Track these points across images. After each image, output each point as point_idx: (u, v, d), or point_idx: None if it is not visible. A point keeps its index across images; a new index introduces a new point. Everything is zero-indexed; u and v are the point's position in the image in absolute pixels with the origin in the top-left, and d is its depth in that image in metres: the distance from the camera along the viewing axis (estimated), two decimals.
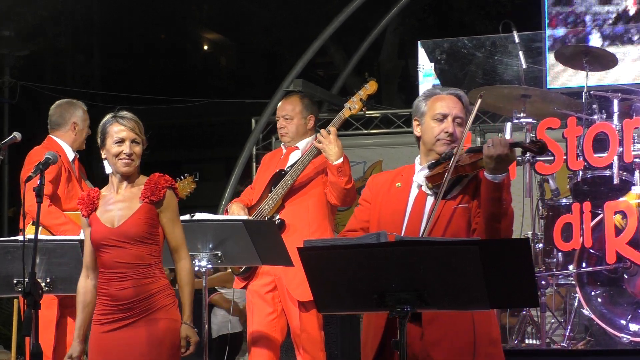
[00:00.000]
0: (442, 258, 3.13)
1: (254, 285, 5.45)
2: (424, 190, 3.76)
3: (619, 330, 5.63)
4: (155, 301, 4.08)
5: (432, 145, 3.79)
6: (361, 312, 3.83)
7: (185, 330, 4.11)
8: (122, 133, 4.12)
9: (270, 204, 5.42)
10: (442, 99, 3.83)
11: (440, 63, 8.42)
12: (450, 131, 3.76)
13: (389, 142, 10.74)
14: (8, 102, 13.60)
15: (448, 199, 3.70)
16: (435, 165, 3.75)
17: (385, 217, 3.76)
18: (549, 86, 8.09)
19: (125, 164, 4.12)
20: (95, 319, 4.13)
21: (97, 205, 4.16)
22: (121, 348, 4.05)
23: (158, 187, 4.13)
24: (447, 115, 3.78)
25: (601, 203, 5.66)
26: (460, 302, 3.23)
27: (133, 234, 4.08)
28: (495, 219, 3.57)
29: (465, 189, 3.73)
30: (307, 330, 5.38)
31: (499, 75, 8.79)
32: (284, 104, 5.68)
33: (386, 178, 3.91)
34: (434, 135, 3.78)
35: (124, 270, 4.06)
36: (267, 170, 5.64)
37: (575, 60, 6.46)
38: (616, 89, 6.23)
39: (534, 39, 8.38)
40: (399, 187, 3.81)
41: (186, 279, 4.17)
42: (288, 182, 5.39)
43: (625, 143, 5.70)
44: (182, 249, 4.20)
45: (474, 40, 8.78)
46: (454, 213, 3.68)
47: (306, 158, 5.40)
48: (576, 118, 5.86)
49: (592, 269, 5.73)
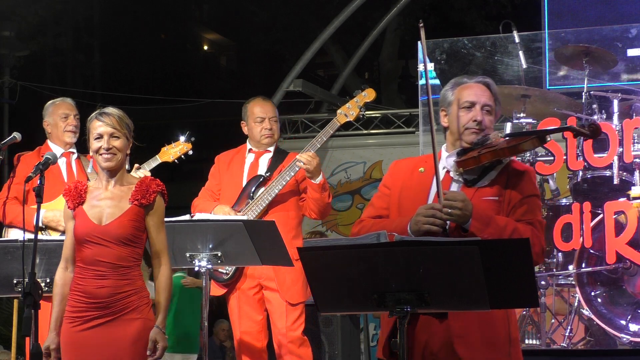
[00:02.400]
0: (442, 258, 3.12)
1: (241, 289, 5.43)
2: (450, 176, 3.62)
3: (619, 330, 5.63)
4: (131, 302, 4.09)
5: (460, 134, 3.65)
6: (361, 312, 3.82)
7: (156, 334, 4.10)
8: (100, 128, 4.11)
9: (255, 210, 5.40)
10: (469, 87, 3.71)
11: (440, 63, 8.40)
12: (479, 119, 3.62)
13: (389, 142, 10.75)
14: (8, 102, 13.59)
15: (478, 187, 3.58)
16: (465, 152, 3.61)
17: (406, 203, 3.62)
18: (549, 86, 8.07)
19: (105, 159, 4.11)
20: (68, 317, 4.10)
21: (84, 198, 4.14)
22: (96, 347, 4.04)
23: (149, 190, 4.13)
24: (475, 103, 3.65)
25: (601, 203, 5.66)
26: (461, 302, 3.23)
27: (118, 234, 4.07)
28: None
29: (496, 179, 3.59)
30: (295, 331, 5.39)
31: (499, 75, 8.77)
32: (268, 106, 5.63)
33: (409, 163, 3.77)
34: (462, 124, 3.65)
35: (104, 269, 4.06)
36: (230, 171, 5.57)
37: (575, 60, 6.46)
38: (616, 89, 6.23)
39: (534, 39, 8.36)
40: (422, 172, 3.66)
41: (164, 284, 4.17)
42: (275, 190, 5.39)
43: (625, 143, 5.70)
44: (163, 254, 4.20)
45: (474, 40, 8.76)
46: (485, 205, 3.53)
47: (292, 169, 5.40)
48: (576, 118, 5.86)
49: (592, 269, 5.73)
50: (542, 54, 8.20)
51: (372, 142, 11.08)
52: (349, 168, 11.05)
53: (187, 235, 4.80)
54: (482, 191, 3.57)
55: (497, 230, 3.45)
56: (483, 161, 3.55)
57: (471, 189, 3.57)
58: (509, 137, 3.66)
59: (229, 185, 5.55)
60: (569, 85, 7.39)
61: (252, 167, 5.57)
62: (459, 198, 3.42)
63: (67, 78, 17.93)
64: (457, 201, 3.41)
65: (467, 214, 3.42)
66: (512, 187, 3.59)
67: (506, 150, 3.54)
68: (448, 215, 3.42)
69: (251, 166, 5.57)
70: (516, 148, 3.57)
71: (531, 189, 3.64)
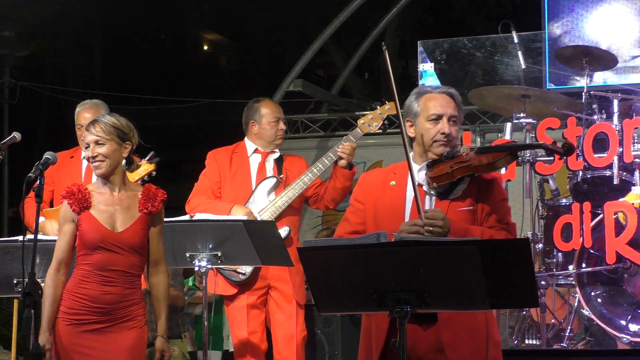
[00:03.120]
0: (442, 258, 3.13)
1: (250, 290, 5.42)
2: (424, 190, 3.69)
3: (619, 330, 5.63)
4: (131, 311, 4.12)
5: (428, 147, 3.72)
6: (361, 312, 3.81)
7: (162, 344, 4.13)
8: (88, 137, 4.17)
9: (273, 211, 5.40)
10: (434, 99, 3.75)
11: (440, 63, 8.41)
12: (447, 132, 3.69)
13: (389, 142, 10.72)
14: (8, 102, 13.58)
15: (452, 199, 3.66)
16: (435, 164, 3.68)
17: (383, 217, 3.69)
18: (548, 86, 8.07)
19: (94, 166, 4.14)
20: (65, 318, 4.09)
21: (90, 203, 4.14)
22: (92, 349, 4.05)
23: (157, 198, 4.16)
24: (442, 115, 3.70)
25: (601, 203, 5.65)
26: (461, 303, 3.23)
27: (133, 243, 4.10)
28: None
29: (468, 190, 3.68)
30: (303, 331, 5.40)
31: (499, 76, 8.78)
32: (278, 107, 5.67)
33: (378, 176, 3.83)
34: (430, 137, 3.71)
35: (113, 275, 4.07)
36: (234, 170, 5.53)
37: (575, 60, 6.46)
38: (616, 89, 6.23)
39: (534, 39, 8.37)
40: (394, 186, 3.73)
41: (163, 293, 4.20)
42: (295, 192, 5.41)
43: (625, 143, 5.69)
44: (162, 262, 4.23)
45: (474, 41, 8.78)
46: (460, 215, 3.62)
47: (312, 174, 5.44)
48: (576, 118, 5.85)
49: (592, 269, 5.72)
50: (542, 54, 8.21)
51: (372, 142, 11.06)
52: None
53: (187, 235, 4.81)
54: (455, 203, 3.66)
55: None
56: (456, 176, 3.64)
57: (445, 201, 3.66)
58: (480, 152, 3.70)
59: (234, 185, 5.51)
60: (568, 85, 7.40)
61: (261, 167, 5.56)
62: (439, 217, 3.53)
63: (67, 78, 17.91)
64: (438, 219, 3.52)
65: (446, 231, 3.53)
66: (484, 195, 3.68)
67: (482, 168, 3.64)
68: (429, 233, 3.51)
69: (259, 166, 5.56)
70: (493, 165, 3.65)
71: (501, 193, 3.75)
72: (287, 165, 5.55)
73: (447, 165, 3.65)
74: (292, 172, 5.54)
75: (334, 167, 5.48)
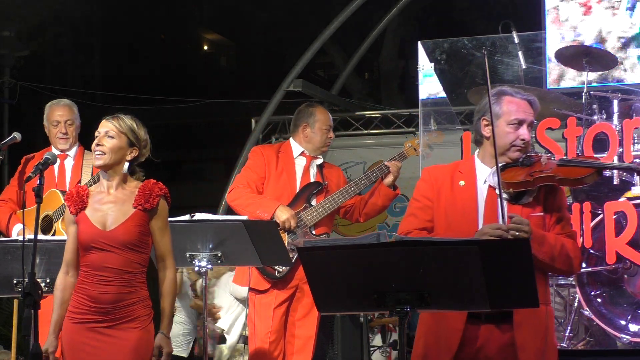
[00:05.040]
0: (442, 258, 3.13)
1: (281, 287, 5.43)
2: (496, 193, 3.70)
3: (619, 330, 5.63)
4: (133, 310, 4.08)
5: (504, 150, 3.75)
6: (361, 312, 3.82)
7: (160, 339, 4.10)
8: (100, 128, 4.15)
9: (314, 216, 5.44)
10: (517, 104, 3.77)
11: (440, 63, 8.40)
12: (526, 139, 3.74)
13: (389, 142, 10.73)
14: (8, 102, 13.59)
15: (524, 205, 3.70)
16: (506, 167, 3.71)
17: (455, 217, 3.71)
18: (548, 86, 8.07)
19: (96, 157, 4.12)
20: (70, 316, 4.10)
21: (86, 203, 4.13)
22: (95, 348, 4.04)
23: (152, 194, 4.12)
24: (524, 121, 3.75)
25: (601, 203, 5.65)
26: (461, 302, 3.23)
27: (125, 240, 4.06)
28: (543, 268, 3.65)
29: (537, 196, 3.72)
30: (317, 333, 5.44)
31: (499, 76, 8.77)
32: (330, 116, 5.71)
33: (444, 173, 3.84)
34: (509, 141, 3.74)
35: (109, 274, 4.05)
36: (279, 170, 5.53)
37: (575, 60, 6.46)
38: (616, 89, 6.23)
39: (534, 39, 8.36)
40: (463, 185, 3.75)
41: (170, 289, 4.16)
42: (338, 202, 5.47)
43: (625, 143, 5.69)
44: (168, 257, 4.19)
45: (474, 41, 8.76)
46: (533, 221, 3.65)
47: (357, 187, 5.50)
48: (576, 118, 5.85)
49: (592, 269, 5.72)
50: (542, 54, 8.20)
51: (372, 142, 11.07)
52: (349, 168, 11.03)
53: (187, 235, 4.81)
54: (526, 209, 3.70)
55: (550, 249, 3.64)
56: (537, 184, 3.68)
57: (517, 206, 3.69)
58: (563, 164, 3.74)
59: (279, 184, 5.51)
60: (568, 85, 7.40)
61: (305, 171, 5.57)
62: (525, 222, 3.57)
63: (67, 78, 17.93)
64: (525, 225, 3.56)
65: (530, 237, 3.55)
66: (551, 203, 3.75)
67: (568, 182, 3.71)
68: (514, 237, 3.53)
69: (304, 170, 5.57)
70: (581, 181, 3.73)
71: (564, 202, 3.83)
72: (326, 173, 5.59)
73: (525, 172, 3.69)
74: (332, 180, 5.60)
75: (379, 184, 5.54)
